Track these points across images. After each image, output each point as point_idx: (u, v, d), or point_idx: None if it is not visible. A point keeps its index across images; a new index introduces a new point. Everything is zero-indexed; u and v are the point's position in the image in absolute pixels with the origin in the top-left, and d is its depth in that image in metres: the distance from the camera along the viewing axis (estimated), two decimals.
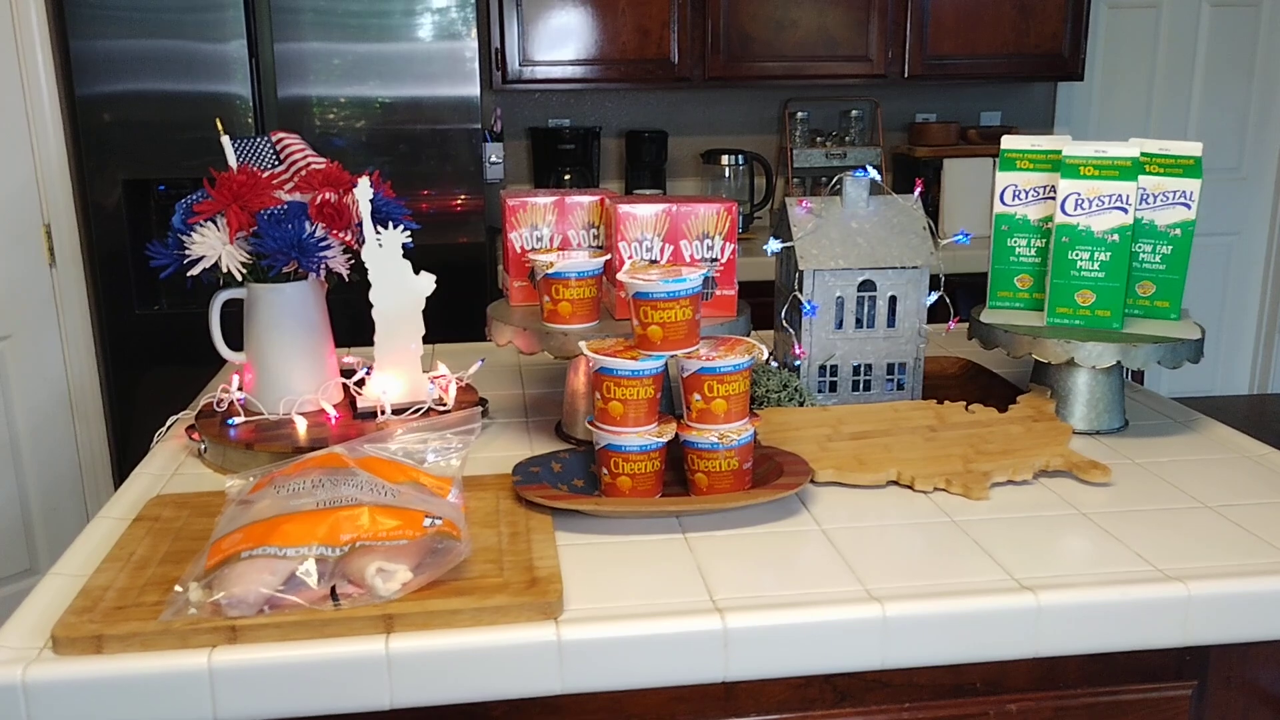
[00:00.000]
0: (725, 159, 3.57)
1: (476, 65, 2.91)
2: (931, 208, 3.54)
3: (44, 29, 2.77)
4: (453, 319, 2.17)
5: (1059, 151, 1.51)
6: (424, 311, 1.45)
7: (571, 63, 3.29)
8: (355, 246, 1.43)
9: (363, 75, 2.87)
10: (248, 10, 2.79)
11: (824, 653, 1.00)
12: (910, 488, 1.28)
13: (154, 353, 2.94)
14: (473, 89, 2.92)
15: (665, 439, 1.22)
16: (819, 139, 3.72)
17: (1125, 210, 1.45)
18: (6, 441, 2.81)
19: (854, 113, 3.72)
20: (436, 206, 2.98)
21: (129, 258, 2.88)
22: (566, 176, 3.53)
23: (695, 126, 3.75)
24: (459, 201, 2.99)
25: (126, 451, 3.04)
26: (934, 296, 1.53)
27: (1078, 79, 3.52)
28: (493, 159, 3.22)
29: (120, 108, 2.80)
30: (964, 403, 1.52)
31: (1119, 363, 1.42)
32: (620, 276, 1.24)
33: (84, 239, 2.92)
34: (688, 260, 1.44)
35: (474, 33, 2.89)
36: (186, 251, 1.39)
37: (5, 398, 2.80)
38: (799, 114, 3.71)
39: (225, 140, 1.47)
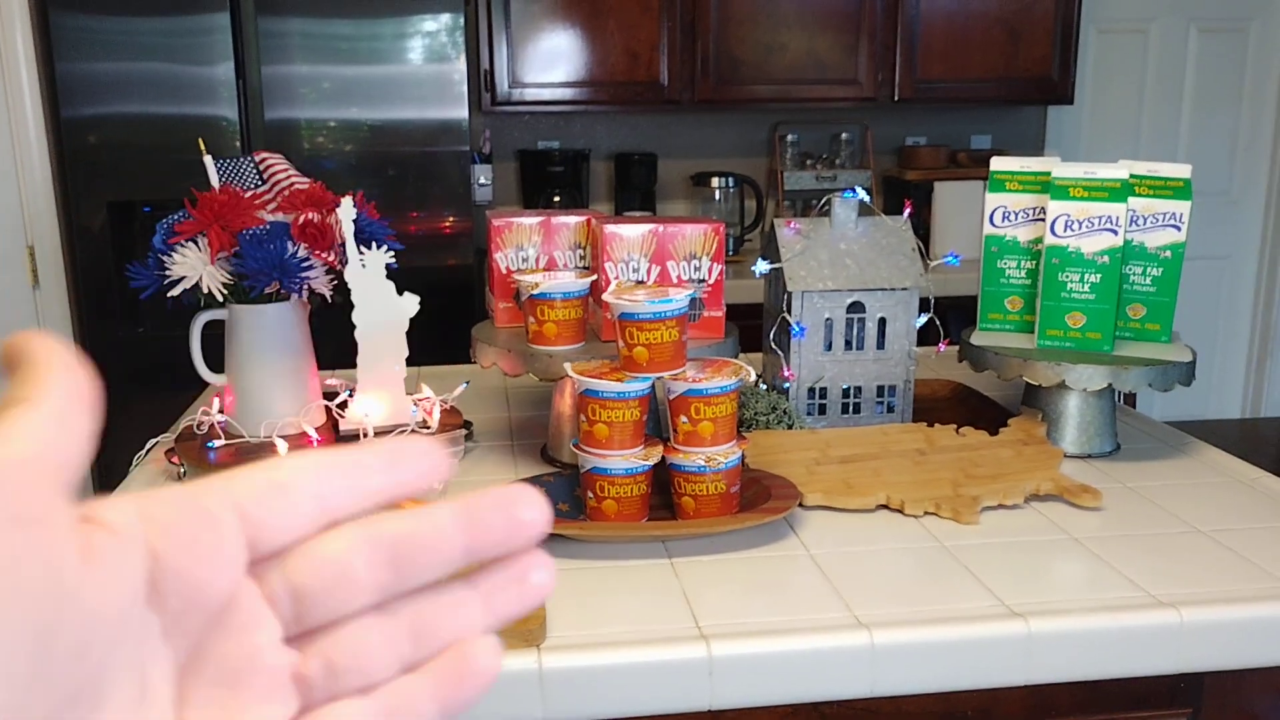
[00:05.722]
0: (715, 181, 3.57)
1: (465, 88, 2.90)
2: (922, 231, 3.54)
3: (29, 51, 2.76)
4: (441, 342, 2.15)
5: (1048, 173, 1.50)
6: (412, 334, 1.43)
7: (561, 85, 3.29)
8: (338, 267, 1.42)
9: (351, 98, 2.86)
10: (235, 34, 2.79)
11: (812, 681, 0.98)
12: (900, 512, 1.26)
13: (137, 376, 2.91)
14: (461, 111, 2.91)
15: (651, 462, 1.20)
16: (809, 162, 3.72)
17: (1115, 232, 1.45)
18: None
19: (844, 136, 3.73)
20: (425, 229, 2.96)
21: (113, 280, 2.85)
22: (556, 199, 3.52)
23: (685, 149, 3.75)
24: (447, 224, 2.97)
25: (108, 475, 3.00)
26: (924, 318, 1.52)
27: (1068, 102, 3.53)
28: (481, 181, 3.21)
29: (106, 130, 2.78)
30: (954, 426, 1.50)
31: (1110, 386, 1.41)
32: (606, 297, 1.23)
33: (68, 261, 2.90)
34: (675, 281, 1.43)
35: (463, 55, 2.88)
36: (167, 272, 1.37)
37: None
38: (789, 137, 3.72)
39: (208, 160, 1.45)
